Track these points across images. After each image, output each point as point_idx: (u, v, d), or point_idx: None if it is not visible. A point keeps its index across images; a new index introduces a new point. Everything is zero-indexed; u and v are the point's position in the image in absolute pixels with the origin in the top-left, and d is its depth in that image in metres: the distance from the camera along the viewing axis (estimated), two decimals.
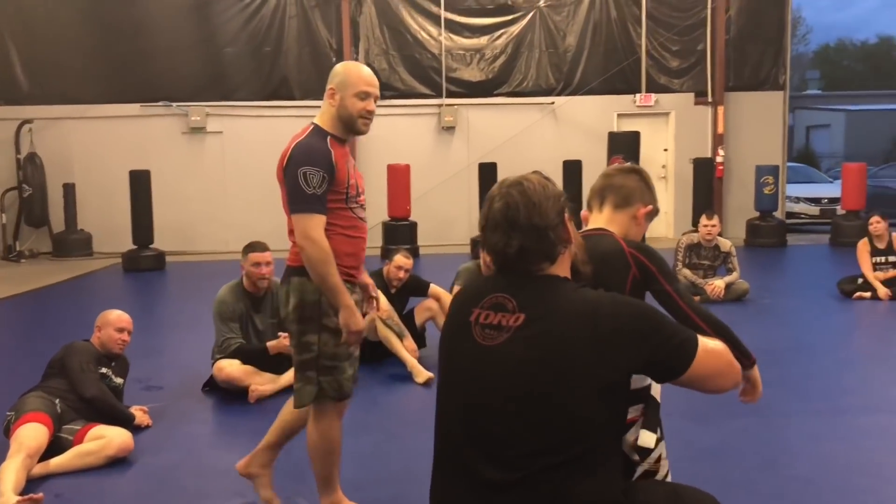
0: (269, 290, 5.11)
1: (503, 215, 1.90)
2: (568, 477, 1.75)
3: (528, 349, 1.80)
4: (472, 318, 1.92)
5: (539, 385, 1.78)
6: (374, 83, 2.97)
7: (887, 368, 5.44)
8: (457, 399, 1.92)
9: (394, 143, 13.49)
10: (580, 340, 1.78)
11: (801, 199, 15.79)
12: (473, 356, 1.88)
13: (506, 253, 1.90)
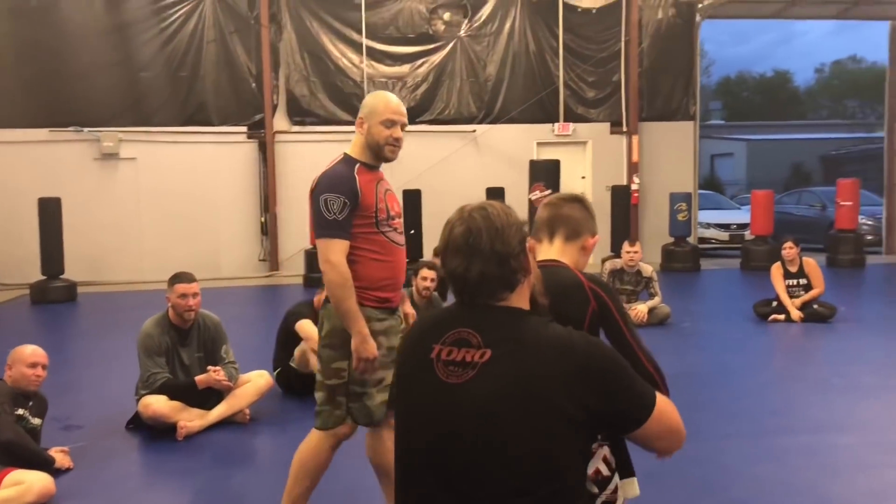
0: (196, 322, 4.94)
1: (464, 240, 1.85)
2: None
3: (497, 387, 1.75)
4: (433, 355, 1.85)
5: (509, 424, 1.73)
6: (401, 111, 3.05)
7: (807, 389, 5.63)
8: (422, 439, 1.85)
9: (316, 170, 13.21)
10: (551, 378, 1.73)
11: (712, 225, 16.37)
12: (437, 394, 1.82)
13: (465, 278, 1.85)
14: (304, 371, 5.43)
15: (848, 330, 7.72)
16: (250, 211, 13.56)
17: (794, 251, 8.29)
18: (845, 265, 12.93)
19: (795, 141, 38.35)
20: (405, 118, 3.06)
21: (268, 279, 13.23)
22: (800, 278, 8.26)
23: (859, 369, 6.16)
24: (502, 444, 1.73)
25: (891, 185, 15.48)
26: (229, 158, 13.39)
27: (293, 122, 13.61)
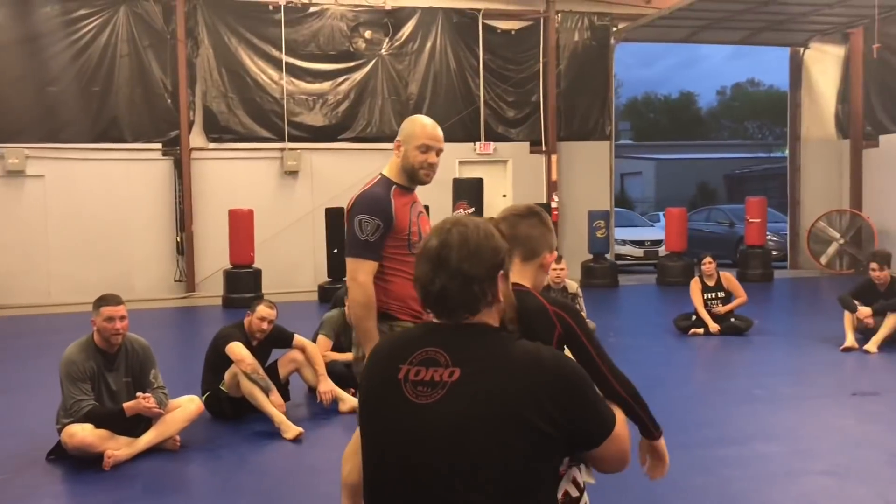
0: (124, 346, 4.74)
1: (436, 252, 1.83)
2: None
3: (467, 406, 1.74)
4: (400, 376, 1.82)
5: (480, 443, 1.72)
6: (436, 136, 3.14)
7: (732, 400, 5.82)
8: (391, 461, 1.82)
9: (235, 188, 13.12)
10: (520, 393, 1.73)
11: (627, 242, 16.82)
12: (406, 415, 1.79)
13: (427, 290, 1.84)
14: (235, 395, 5.28)
15: (763, 342, 8.03)
16: (165, 230, 13.16)
17: (713, 266, 8.59)
18: (755, 279, 13.47)
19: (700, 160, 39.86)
20: (441, 143, 3.15)
21: (184, 300, 12.84)
22: (717, 291, 8.56)
23: (778, 380, 6.41)
24: (473, 465, 1.71)
25: (794, 203, 16.23)
26: (143, 176, 12.98)
27: (210, 139, 13.31)
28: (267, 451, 4.83)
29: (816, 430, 5.03)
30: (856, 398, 5.75)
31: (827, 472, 4.21)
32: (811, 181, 16.03)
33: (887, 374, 6.68)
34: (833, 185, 15.96)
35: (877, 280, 7.66)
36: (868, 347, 7.29)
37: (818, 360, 7.15)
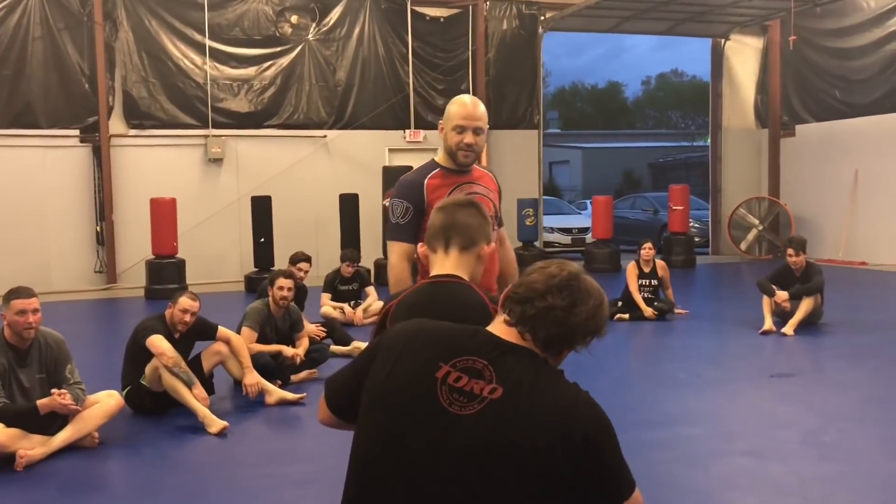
0: (37, 341, 4.54)
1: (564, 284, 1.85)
2: None
3: (503, 428, 1.70)
4: (438, 375, 1.77)
5: (503, 467, 1.68)
6: (471, 115, 3.09)
7: (655, 384, 5.94)
8: (405, 464, 1.73)
9: (157, 176, 12.75)
10: (558, 431, 1.70)
11: (555, 230, 17.02)
12: (436, 422, 1.73)
13: (536, 306, 1.82)
14: (156, 389, 5.13)
15: (686, 327, 8.23)
16: (84, 219, 12.69)
17: (652, 253, 8.71)
18: (678, 265, 13.77)
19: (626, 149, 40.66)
20: (479, 122, 3.09)
21: (105, 292, 12.43)
22: (652, 279, 8.71)
23: (701, 364, 6.58)
24: (495, 487, 1.68)
25: (715, 191, 16.68)
26: (60, 163, 12.48)
27: (131, 126, 12.88)
28: (190, 446, 4.71)
29: (737, 411, 5.17)
30: (773, 380, 5.93)
31: (747, 452, 4.33)
32: (732, 169, 16.49)
33: (802, 355, 6.93)
34: (753, 174, 16.46)
35: (793, 265, 7.92)
36: (785, 330, 7.54)
37: (739, 343, 7.37)
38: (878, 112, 13.79)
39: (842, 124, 14.53)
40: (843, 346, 7.15)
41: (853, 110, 14.30)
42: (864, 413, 5.00)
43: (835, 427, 4.72)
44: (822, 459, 4.19)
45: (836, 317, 8.19)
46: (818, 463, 4.13)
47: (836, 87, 14.65)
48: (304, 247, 8.61)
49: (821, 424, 4.78)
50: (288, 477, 4.02)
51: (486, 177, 3.29)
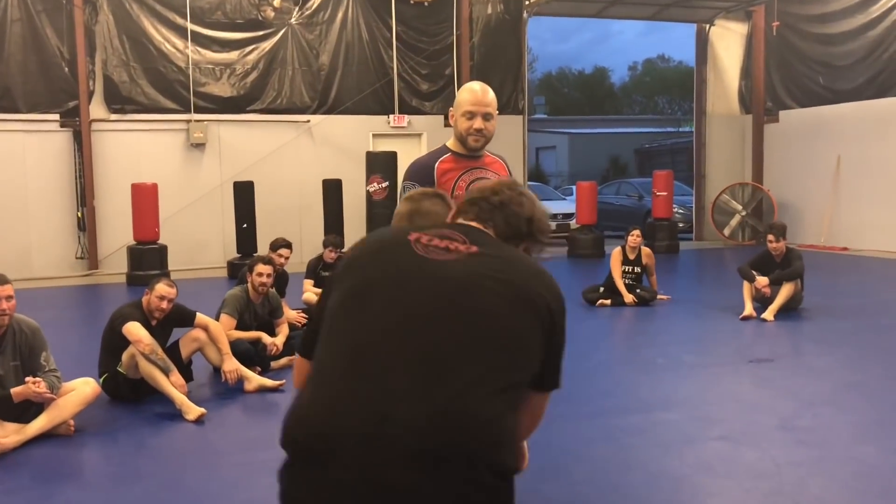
0: (11, 328, 4.50)
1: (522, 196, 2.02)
2: (502, 412, 1.60)
3: (486, 267, 1.72)
4: (411, 238, 1.78)
5: (491, 298, 1.68)
6: (480, 101, 3.13)
7: (635, 370, 5.96)
8: (389, 312, 1.67)
9: (139, 161, 12.65)
10: (533, 290, 1.73)
11: None
12: (416, 268, 1.71)
13: (489, 200, 1.97)
14: (133, 376, 5.10)
15: (667, 312, 8.26)
16: (65, 205, 12.58)
17: (639, 240, 8.69)
18: (661, 251, 13.81)
19: (612, 135, 40.68)
20: (488, 107, 3.13)
21: (86, 278, 12.35)
22: (636, 265, 8.71)
23: (681, 349, 6.61)
24: (486, 319, 1.65)
25: (699, 177, 16.71)
26: (40, 148, 12.35)
27: (112, 110, 12.76)
28: (167, 433, 4.69)
29: (715, 396, 5.20)
30: (752, 365, 5.97)
31: (723, 437, 4.35)
32: (716, 155, 16.53)
33: (782, 341, 6.97)
34: (737, 159, 16.51)
35: (773, 251, 7.96)
36: (765, 316, 7.58)
37: (719, 328, 7.40)
38: (862, 98, 13.84)
39: (825, 110, 14.58)
40: (822, 331, 7.20)
41: (837, 96, 14.35)
42: (840, 398, 5.04)
43: (811, 412, 4.75)
44: (797, 444, 4.21)
45: (816, 302, 8.24)
46: (793, 448, 4.15)
47: (820, 73, 14.69)
48: (287, 233, 8.57)
49: (797, 409, 4.81)
50: (265, 464, 3.97)
51: (496, 163, 3.37)
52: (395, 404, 1.53)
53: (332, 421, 1.54)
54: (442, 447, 1.50)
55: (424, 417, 1.51)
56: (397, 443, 1.49)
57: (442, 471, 1.49)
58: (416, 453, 1.48)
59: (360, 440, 1.50)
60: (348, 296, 1.73)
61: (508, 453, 1.60)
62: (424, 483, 1.47)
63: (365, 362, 1.60)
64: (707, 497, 3.57)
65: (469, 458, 1.52)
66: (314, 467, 1.52)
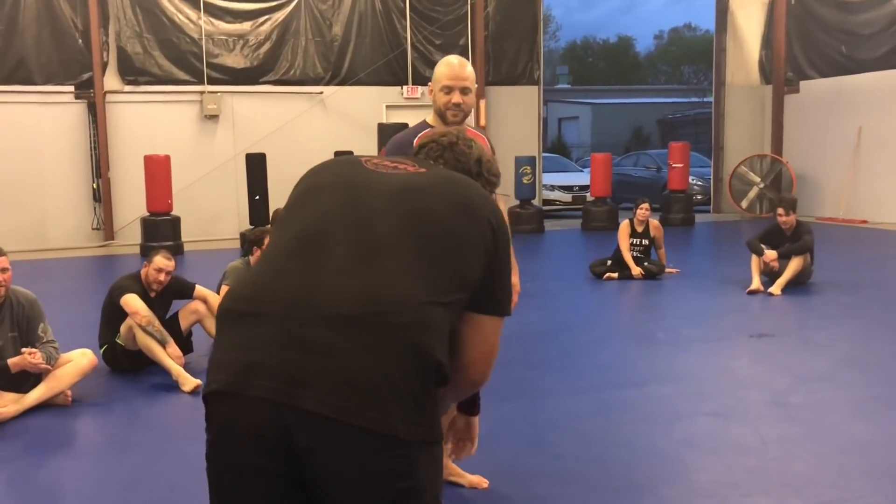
0: (8, 299, 4.57)
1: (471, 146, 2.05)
2: (433, 302, 1.59)
3: (432, 180, 1.78)
4: (362, 159, 1.85)
5: (439, 203, 1.72)
6: (457, 76, 3.10)
7: (633, 344, 5.94)
8: (335, 206, 1.72)
9: (152, 133, 12.72)
10: (480, 208, 1.76)
11: (556, 188, 16.91)
12: (364, 176, 1.78)
13: (439, 143, 2.02)
14: (131, 348, 5.16)
15: (674, 286, 8.20)
16: (81, 177, 12.71)
17: (648, 213, 8.61)
18: (677, 224, 13.71)
19: (636, 105, 40.20)
20: (465, 81, 3.10)
21: (102, 249, 12.49)
22: (643, 238, 8.65)
23: (682, 323, 6.56)
24: (421, 213, 1.69)
25: (718, 148, 16.49)
26: (56, 120, 12.46)
27: (126, 82, 12.82)
28: (162, 404, 4.75)
29: (710, 371, 5.16)
30: (752, 340, 5.91)
31: (712, 412, 4.33)
32: (735, 126, 16.28)
33: (786, 315, 6.90)
34: (756, 131, 16.25)
35: (783, 224, 7.85)
36: (772, 290, 7.50)
37: (724, 302, 7.34)
38: (884, 68, 13.53)
39: (847, 80, 14.28)
40: (830, 306, 7.11)
41: (859, 66, 14.04)
42: (836, 374, 4.99)
43: (805, 388, 4.71)
44: (787, 420, 4.18)
45: (828, 276, 8.14)
46: (782, 424, 4.12)
47: (842, 42, 14.36)
48: None
49: (791, 385, 4.77)
50: None
51: (478, 138, 3.31)
52: (329, 278, 1.58)
53: (265, 289, 1.60)
54: (366, 316, 1.52)
55: (354, 291, 1.55)
56: (323, 307, 1.53)
57: (362, 336, 1.51)
58: (339, 318, 1.52)
59: (288, 303, 1.55)
60: (299, 197, 1.82)
61: (435, 341, 1.57)
62: (343, 343, 1.50)
63: (306, 245, 1.66)
64: (689, 472, 3.55)
65: (392, 331, 1.53)
66: (241, 325, 1.57)
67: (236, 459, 1.54)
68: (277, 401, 1.48)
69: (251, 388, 1.49)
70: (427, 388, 1.57)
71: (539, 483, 3.47)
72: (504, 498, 3.34)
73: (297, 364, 1.49)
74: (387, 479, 1.52)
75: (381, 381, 1.50)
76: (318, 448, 1.48)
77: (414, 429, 1.53)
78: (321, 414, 1.46)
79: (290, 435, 1.48)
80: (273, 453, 1.50)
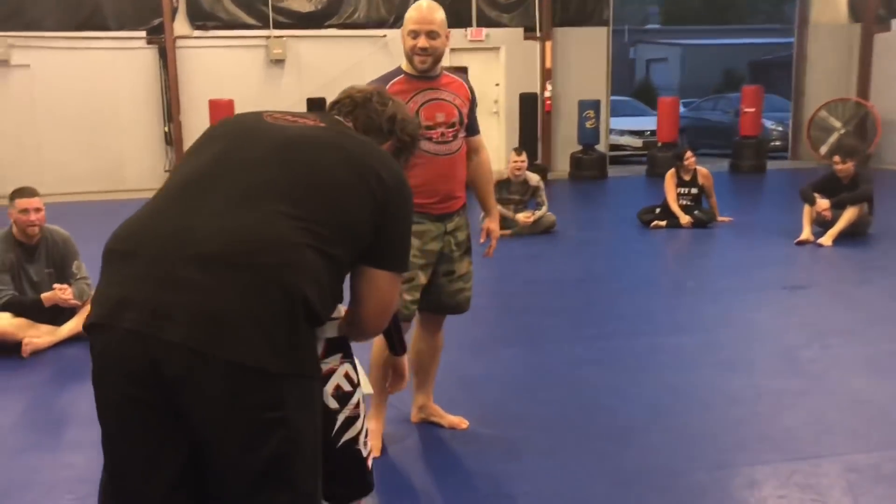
0: (44, 238, 4.86)
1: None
2: (305, 246, 1.65)
3: (326, 135, 1.85)
4: (264, 113, 1.90)
5: (325, 156, 1.78)
6: (423, 19, 3.13)
7: (659, 293, 5.86)
8: (221, 154, 1.79)
9: (220, 78, 12.98)
10: (370, 161, 1.82)
11: (626, 132, 16.51)
12: (258, 128, 1.84)
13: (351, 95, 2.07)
14: None
15: (722, 235, 7.99)
16: (153, 120, 13.16)
17: (693, 161, 8.40)
18: (747, 171, 13.24)
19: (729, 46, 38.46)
20: (431, 25, 3.12)
21: None
22: (691, 187, 8.43)
23: (718, 273, 6.43)
24: (304, 164, 1.75)
25: (798, 93, 15.71)
26: (129, 65, 12.88)
27: (195, 27, 13.10)
28: None
29: (728, 322, 5.06)
30: (784, 292, 5.74)
31: (717, 363, 4.26)
32: (819, 69, 15.42)
33: (830, 268, 6.65)
34: (842, 74, 15.35)
35: (840, 173, 7.52)
36: (823, 241, 7.22)
37: (769, 253, 7.11)
38: None
39: None
40: (881, 259, 6.82)
41: None
42: (858, 330, 4.80)
43: (820, 343, 4.57)
44: (791, 374, 4.08)
45: (892, 228, 7.75)
46: (784, 377, 4.03)
47: None
48: None
49: (807, 339, 4.63)
50: None
51: (454, 83, 3.33)
52: (203, 219, 1.65)
53: (143, 229, 1.69)
54: (233, 255, 1.59)
55: (224, 232, 1.62)
56: (193, 246, 1.61)
57: (228, 274, 1.58)
58: (207, 256, 1.59)
59: (161, 243, 1.64)
60: (194, 146, 1.89)
61: (304, 281, 1.63)
62: (209, 281, 1.57)
63: (188, 190, 1.74)
64: (670, 422, 3.53)
65: (257, 269, 1.59)
66: (119, 264, 1.67)
67: (112, 389, 1.64)
68: (144, 332, 1.56)
69: (121, 321, 1.58)
70: (295, 325, 1.63)
71: (516, 426, 3.52)
72: (477, 438, 3.42)
73: (163, 299, 1.58)
74: (252, 410, 1.59)
75: (245, 317, 1.57)
76: (184, 379, 1.56)
77: (281, 362, 1.60)
78: (185, 346, 1.54)
79: (160, 366, 1.56)
80: (144, 384, 1.59)
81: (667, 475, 3.04)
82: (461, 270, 3.33)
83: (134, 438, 1.65)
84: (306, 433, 1.69)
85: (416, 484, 3.14)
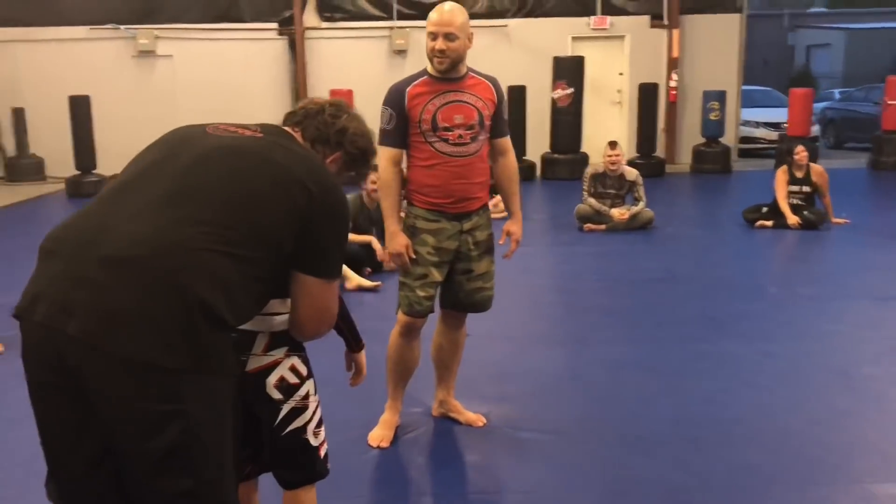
0: None
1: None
2: (214, 252, 1.76)
3: (257, 145, 1.94)
4: (207, 125, 2.02)
5: (248, 165, 1.88)
6: (440, 21, 3.19)
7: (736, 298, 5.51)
8: (155, 162, 1.90)
9: (342, 68, 13.44)
10: (297, 171, 1.91)
11: (761, 124, 15.69)
12: (195, 138, 1.96)
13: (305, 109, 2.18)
14: None
15: (831, 238, 7.52)
16: (283, 108, 13.66)
17: (805, 157, 7.98)
18: (886, 168, 12.28)
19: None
20: (449, 27, 3.18)
21: None
22: (803, 185, 7.98)
23: (808, 279, 6.10)
24: (226, 172, 1.86)
25: None
26: (261, 55, 13.58)
27: (323, 19, 13.63)
28: None
29: (795, 332, 4.79)
30: (873, 303, 5.35)
31: (759, 376, 4.06)
32: None
33: None
34: None
35: None
36: None
37: (876, 259, 6.63)
38: None
39: None
40: None
41: None
42: None
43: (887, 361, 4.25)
44: (840, 391, 3.85)
45: None
46: (831, 394, 3.80)
47: None
48: None
49: (874, 356, 4.32)
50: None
51: (480, 84, 3.37)
52: (119, 223, 1.79)
53: (66, 230, 1.83)
54: (135, 258, 1.73)
55: (133, 235, 1.76)
56: (103, 247, 1.75)
57: (129, 275, 1.72)
58: (113, 258, 1.73)
59: (78, 244, 1.77)
60: (137, 155, 2.03)
61: (204, 285, 1.74)
62: (110, 281, 1.72)
63: (116, 195, 1.89)
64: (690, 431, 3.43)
65: (155, 272, 1.72)
66: (43, 261, 1.84)
67: (32, 375, 1.84)
68: (49, 326, 1.75)
69: (34, 315, 1.78)
70: (194, 324, 1.75)
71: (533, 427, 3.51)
72: (491, 436, 3.46)
73: (69, 296, 1.75)
74: (145, 402, 1.74)
75: (140, 316, 1.71)
76: (84, 370, 1.73)
77: (176, 358, 1.73)
78: (81, 340, 1.71)
79: (65, 358, 1.74)
80: (56, 372, 1.77)
81: (664, 490, 2.97)
82: (480, 269, 3.36)
83: (52, 419, 1.84)
84: (207, 425, 1.81)
85: (413, 476, 3.24)
